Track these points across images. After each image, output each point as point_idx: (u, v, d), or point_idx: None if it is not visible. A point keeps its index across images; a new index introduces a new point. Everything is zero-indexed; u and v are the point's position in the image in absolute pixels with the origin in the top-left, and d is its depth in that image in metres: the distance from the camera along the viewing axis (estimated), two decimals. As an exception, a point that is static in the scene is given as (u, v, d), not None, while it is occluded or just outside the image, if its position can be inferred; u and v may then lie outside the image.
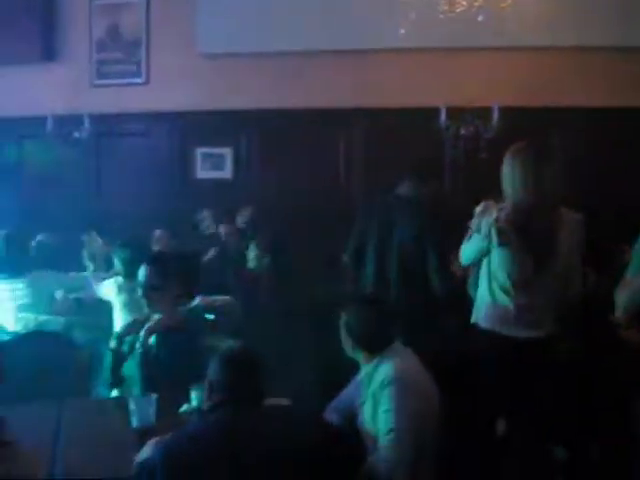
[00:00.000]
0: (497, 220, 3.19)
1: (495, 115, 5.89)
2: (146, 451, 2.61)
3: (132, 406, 3.02)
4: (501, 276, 3.28)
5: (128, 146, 6.84)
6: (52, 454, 2.89)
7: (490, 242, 3.23)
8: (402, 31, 4.65)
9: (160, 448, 2.44)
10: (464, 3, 4.37)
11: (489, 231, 3.22)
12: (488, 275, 3.34)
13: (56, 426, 3.12)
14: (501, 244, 3.19)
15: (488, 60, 6.05)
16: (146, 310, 3.72)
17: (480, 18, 4.40)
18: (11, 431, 2.77)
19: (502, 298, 3.29)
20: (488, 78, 6.09)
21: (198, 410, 3.15)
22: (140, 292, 3.69)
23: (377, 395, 2.97)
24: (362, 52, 6.26)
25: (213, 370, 2.67)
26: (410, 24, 4.53)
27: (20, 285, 4.82)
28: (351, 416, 3.12)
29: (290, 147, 6.42)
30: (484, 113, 5.94)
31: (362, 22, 6.04)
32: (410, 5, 4.32)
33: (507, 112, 5.87)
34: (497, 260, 3.27)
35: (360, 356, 3.12)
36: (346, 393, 3.32)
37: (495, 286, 3.32)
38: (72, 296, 5.21)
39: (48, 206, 6.32)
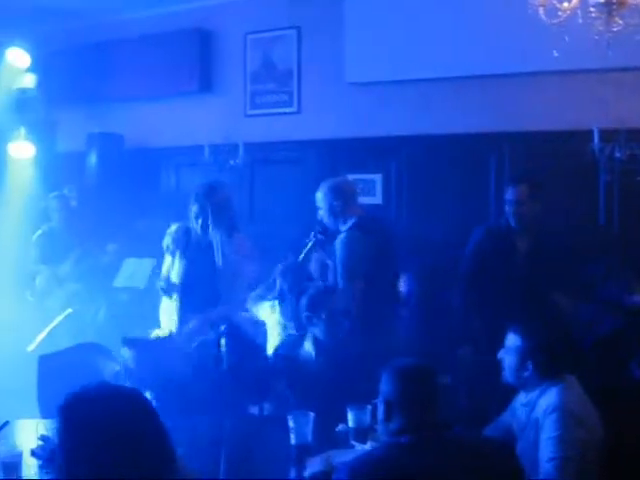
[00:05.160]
0: None
1: (651, 137, 5.69)
2: (313, 467, 2.67)
3: (290, 423, 3.11)
4: None
5: (281, 173, 7.06)
6: (213, 467, 3.01)
7: None
8: (555, 54, 4.58)
9: (346, 470, 2.34)
10: (621, 22, 4.27)
11: None
12: None
13: (218, 439, 3.26)
14: None
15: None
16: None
17: (639, 37, 4.30)
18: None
19: None
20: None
21: (355, 430, 3.22)
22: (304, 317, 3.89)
23: (540, 422, 2.93)
24: (511, 76, 6.17)
25: (391, 388, 2.52)
26: (563, 46, 4.46)
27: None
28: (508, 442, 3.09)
29: (439, 172, 6.41)
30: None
31: (511, 46, 5.97)
32: (564, 27, 4.26)
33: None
34: None
35: (528, 382, 3.08)
36: (502, 419, 3.29)
37: None
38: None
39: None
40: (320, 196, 4.94)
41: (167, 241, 5.01)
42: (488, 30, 6.12)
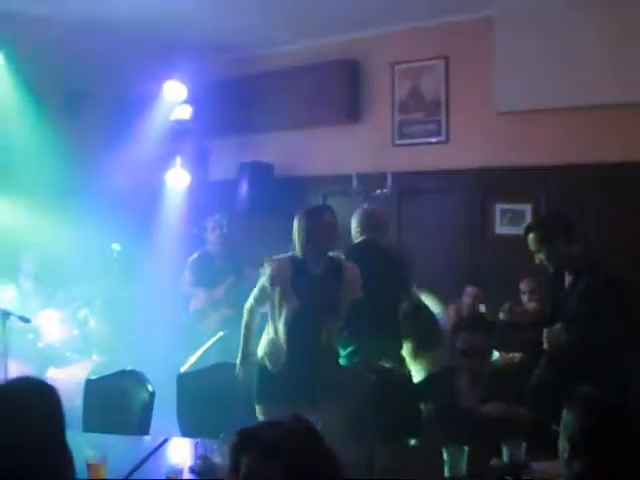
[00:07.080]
0: None
1: None
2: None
3: (445, 456, 3.12)
4: None
5: (428, 203, 7.06)
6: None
7: None
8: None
9: None
10: None
11: None
12: None
13: (369, 468, 3.30)
14: None
15: None
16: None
17: None
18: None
19: None
20: None
21: (509, 465, 3.18)
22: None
23: None
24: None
25: (578, 424, 2.27)
26: None
27: None
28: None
29: (591, 203, 6.22)
30: None
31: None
32: None
33: None
34: None
35: None
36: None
37: None
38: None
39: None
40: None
41: (271, 274, 4.64)
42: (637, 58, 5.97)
